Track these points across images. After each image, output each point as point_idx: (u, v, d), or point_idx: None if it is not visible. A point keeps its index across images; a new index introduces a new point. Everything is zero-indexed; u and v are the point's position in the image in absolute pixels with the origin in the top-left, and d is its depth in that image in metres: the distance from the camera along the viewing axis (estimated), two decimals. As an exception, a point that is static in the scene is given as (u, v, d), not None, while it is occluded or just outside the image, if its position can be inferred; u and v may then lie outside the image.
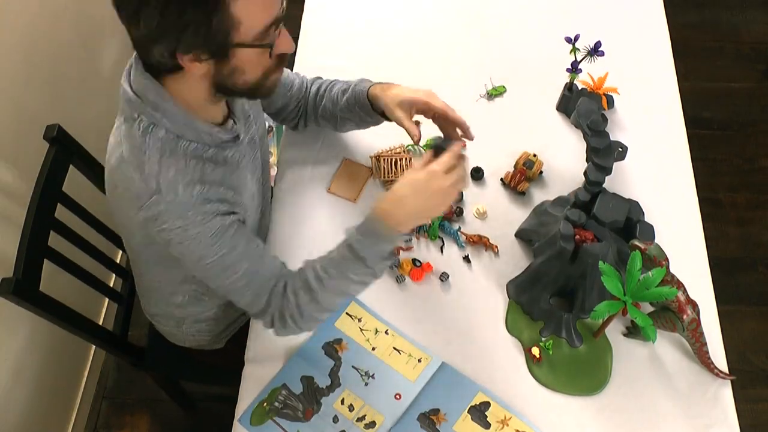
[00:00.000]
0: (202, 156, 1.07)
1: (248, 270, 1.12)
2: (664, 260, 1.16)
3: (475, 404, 1.21)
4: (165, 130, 1.04)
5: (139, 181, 1.03)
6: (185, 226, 1.04)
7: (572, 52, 1.44)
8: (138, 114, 1.03)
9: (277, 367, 1.27)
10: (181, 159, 1.04)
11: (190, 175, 1.05)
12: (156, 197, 1.03)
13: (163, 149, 1.03)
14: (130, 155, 1.04)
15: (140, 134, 1.03)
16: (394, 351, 1.25)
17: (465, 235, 1.39)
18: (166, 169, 1.03)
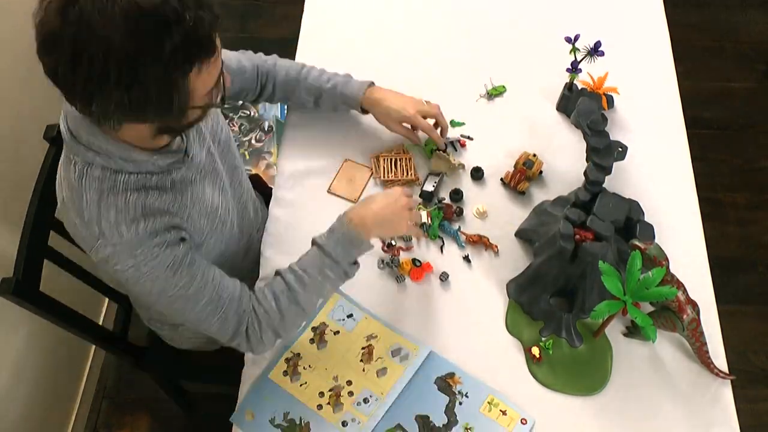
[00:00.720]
0: (144, 186, 1.05)
1: (212, 296, 1.11)
2: (664, 260, 1.16)
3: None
4: (101, 168, 1.01)
5: (81, 227, 1.02)
6: (137, 264, 1.03)
7: (572, 51, 1.44)
8: (72, 155, 1.01)
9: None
10: (120, 196, 1.02)
11: (132, 213, 1.02)
12: (101, 241, 1.01)
13: (101, 190, 1.01)
14: (69, 200, 1.03)
15: (76, 178, 1.01)
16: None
17: (465, 235, 1.39)
18: (106, 211, 1.01)
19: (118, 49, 0.83)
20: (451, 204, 1.41)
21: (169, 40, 0.85)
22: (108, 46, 0.83)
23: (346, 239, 1.17)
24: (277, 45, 1.62)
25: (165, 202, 1.07)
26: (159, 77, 0.87)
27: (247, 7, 2.81)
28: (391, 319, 1.31)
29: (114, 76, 0.85)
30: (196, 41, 0.88)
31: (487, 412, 1.20)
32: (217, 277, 1.13)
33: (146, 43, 0.84)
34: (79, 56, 0.84)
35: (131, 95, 0.87)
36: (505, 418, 1.20)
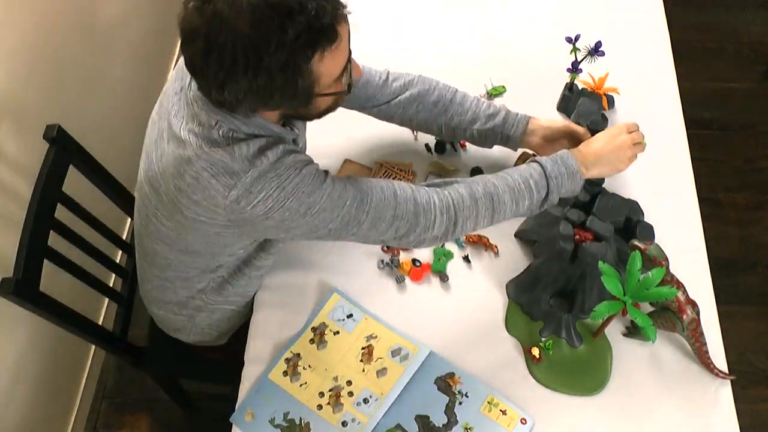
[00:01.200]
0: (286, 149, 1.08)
1: (355, 194, 1.09)
2: (664, 260, 1.16)
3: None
4: (244, 134, 1.05)
5: (231, 161, 1.03)
6: (281, 183, 1.04)
7: (573, 52, 1.44)
8: (216, 122, 1.04)
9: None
10: (264, 148, 1.05)
11: (277, 154, 1.05)
12: (252, 171, 1.03)
13: (247, 143, 1.04)
14: (217, 148, 1.04)
15: (221, 135, 1.04)
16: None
17: (465, 235, 1.39)
18: (254, 146, 1.04)
19: (244, 38, 0.91)
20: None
21: (291, 27, 0.91)
22: (236, 35, 0.91)
23: (563, 162, 1.20)
24: (277, 45, 1.62)
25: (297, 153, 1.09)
26: (282, 63, 0.93)
27: None
28: (390, 319, 1.31)
29: (242, 63, 0.92)
30: (318, 29, 0.94)
31: (487, 412, 1.20)
32: (371, 181, 1.13)
33: (270, 31, 0.91)
34: (212, 46, 0.93)
35: (258, 81, 0.94)
36: (505, 417, 1.20)
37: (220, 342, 1.50)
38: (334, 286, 1.33)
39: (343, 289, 1.33)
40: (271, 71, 0.94)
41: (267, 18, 0.91)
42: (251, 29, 0.91)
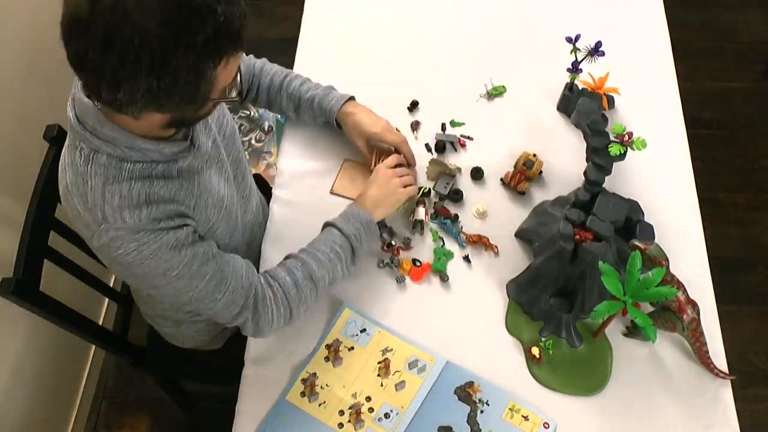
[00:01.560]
0: (150, 174, 1.05)
1: (215, 271, 1.11)
2: (664, 260, 1.16)
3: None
4: (107, 155, 1.01)
5: (84, 212, 1.02)
6: (139, 247, 1.03)
7: (573, 52, 1.44)
8: (79, 141, 1.02)
9: (277, 367, 1.26)
10: (125, 184, 1.02)
11: (135, 200, 1.02)
12: (104, 226, 1.02)
13: (106, 176, 1.01)
14: (73, 185, 1.03)
15: (82, 163, 1.02)
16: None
17: (465, 235, 1.39)
18: (110, 197, 1.01)
19: (152, 37, 0.84)
20: (446, 208, 1.41)
21: (202, 31, 0.87)
22: (143, 33, 0.84)
23: (357, 218, 1.27)
24: (277, 45, 1.63)
25: (171, 190, 1.08)
26: (190, 67, 0.89)
27: (246, 7, 2.80)
28: (391, 319, 1.31)
29: (146, 63, 0.86)
30: (227, 34, 0.90)
31: (509, 418, 1.20)
32: (217, 253, 1.14)
33: (181, 32, 0.86)
34: (112, 42, 0.85)
35: (161, 83, 0.88)
36: (528, 423, 1.19)
37: (215, 346, 1.50)
38: (337, 293, 1.33)
39: (342, 289, 1.33)
40: (176, 74, 0.88)
41: (177, 18, 0.85)
42: (160, 28, 0.84)
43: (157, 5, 0.84)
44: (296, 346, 1.28)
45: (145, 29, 0.84)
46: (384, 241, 1.38)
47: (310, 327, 1.29)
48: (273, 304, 1.18)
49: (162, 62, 0.86)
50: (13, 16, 1.52)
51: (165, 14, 0.84)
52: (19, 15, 1.55)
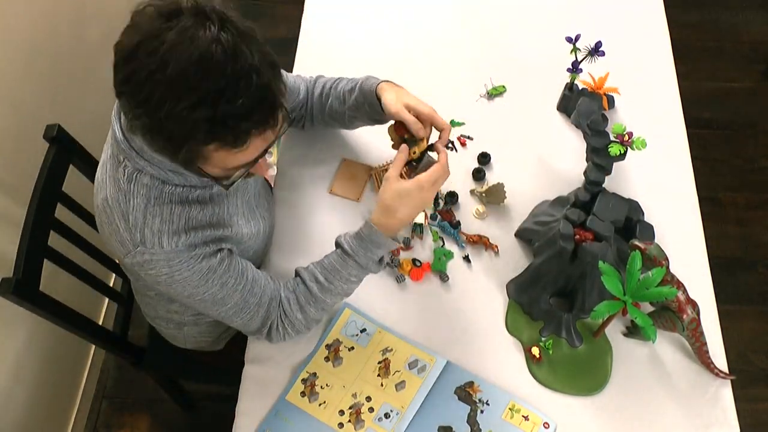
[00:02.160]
0: (188, 199, 1.07)
1: (238, 301, 1.14)
2: (664, 260, 1.16)
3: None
4: (150, 176, 1.03)
5: (124, 230, 1.03)
6: (171, 273, 1.06)
7: (573, 51, 1.44)
8: (123, 158, 1.03)
9: (277, 367, 1.26)
10: (166, 207, 1.04)
11: (176, 224, 1.04)
12: (140, 248, 1.03)
13: (148, 197, 1.03)
14: (114, 201, 1.03)
15: (125, 180, 1.03)
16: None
17: (465, 235, 1.39)
18: (151, 219, 1.02)
19: (164, 83, 0.85)
20: (449, 212, 1.41)
21: (205, 107, 0.86)
22: (156, 79, 0.86)
23: (373, 242, 1.16)
24: (277, 45, 1.61)
25: (206, 215, 1.09)
26: (178, 130, 0.88)
27: (247, 7, 2.80)
28: (391, 321, 1.31)
29: (144, 102, 0.87)
30: (228, 127, 0.89)
31: (509, 418, 1.20)
32: (248, 284, 1.15)
33: (186, 94, 0.86)
34: (134, 76, 0.87)
35: (151, 122, 0.89)
36: (528, 423, 1.19)
37: (216, 347, 1.50)
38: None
39: (349, 299, 1.32)
40: (163, 132, 0.89)
41: (192, 80, 0.85)
42: (169, 81, 0.85)
43: (183, 59, 0.85)
44: (296, 346, 1.28)
45: (163, 77, 0.86)
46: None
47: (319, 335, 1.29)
48: (285, 334, 1.21)
49: (154, 109, 0.87)
50: (13, 17, 1.52)
51: (184, 72, 0.85)
52: (19, 15, 1.54)
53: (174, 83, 0.85)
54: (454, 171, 1.45)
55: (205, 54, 0.85)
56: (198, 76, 0.85)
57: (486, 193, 1.42)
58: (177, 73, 0.85)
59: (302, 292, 1.19)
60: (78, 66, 1.82)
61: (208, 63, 0.85)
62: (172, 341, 1.49)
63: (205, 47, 0.85)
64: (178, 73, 0.85)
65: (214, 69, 0.86)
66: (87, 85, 1.86)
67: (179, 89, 0.86)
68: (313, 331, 1.29)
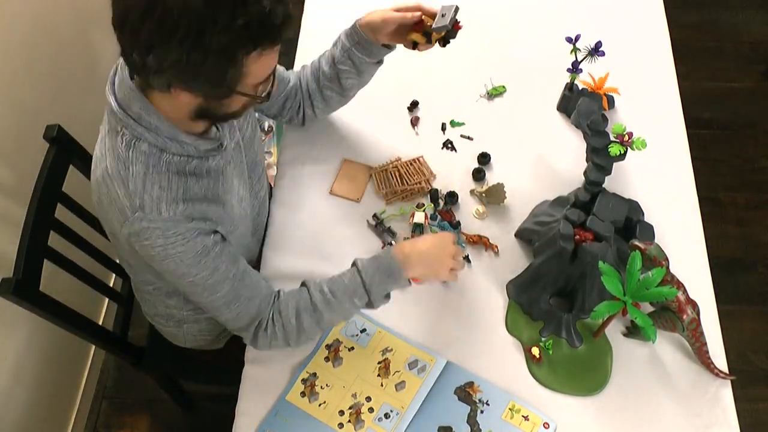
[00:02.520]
0: (185, 170, 1.08)
1: (228, 291, 1.14)
2: (664, 260, 1.16)
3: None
4: (148, 143, 1.04)
5: (124, 196, 1.04)
6: (165, 245, 1.06)
7: (573, 52, 1.44)
8: (121, 127, 1.04)
9: (277, 367, 1.26)
10: (164, 175, 1.05)
11: (174, 193, 1.05)
12: (139, 213, 1.03)
13: (147, 164, 1.04)
14: (114, 170, 1.04)
15: (123, 148, 1.03)
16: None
17: (465, 235, 1.39)
18: (150, 186, 1.03)
19: (193, 11, 0.87)
20: (449, 212, 1.41)
21: (243, 15, 0.88)
22: (185, 5, 0.87)
23: (386, 269, 1.18)
24: (277, 45, 1.62)
25: (202, 188, 1.10)
26: (222, 47, 0.90)
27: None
28: (391, 321, 1.30)
29: (181, 33, 0.88)
30: (267, 25, 0.92)
31: (509, 418, 1.20)
32: (239, 273, 1.15)
33: (222, 12, 0.88)
34: (153, 7, 0.87)
35: (190, 56, 0.90)
36: (528, 423, 1.19)
37: (216, 346, 1.50)
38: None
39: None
40: (207, 51, 0.90)
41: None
42: (203, 4, 0.87)
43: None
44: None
45: (188, 2, 0.87)
46: (384, 241, 1.38)
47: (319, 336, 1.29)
48: (272, 338, 1.20)
49: (196, 37, 0.88)
50: (13, 17, 1.52)
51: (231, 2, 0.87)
52: (20, 15, 1.55)
53: (205, 7, 0.87)
54: (454, 171, 1.48)
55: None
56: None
57: (486, 193, 1.42)
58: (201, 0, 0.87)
59: (304, 299, 1.19)
60: (78, 66, 1.82)
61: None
62: (172, 340, 1.49)
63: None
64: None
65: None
66: (87, 85, 1.86)
67: (212, 10, 0.88)
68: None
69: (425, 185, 1.44)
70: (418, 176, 1.45)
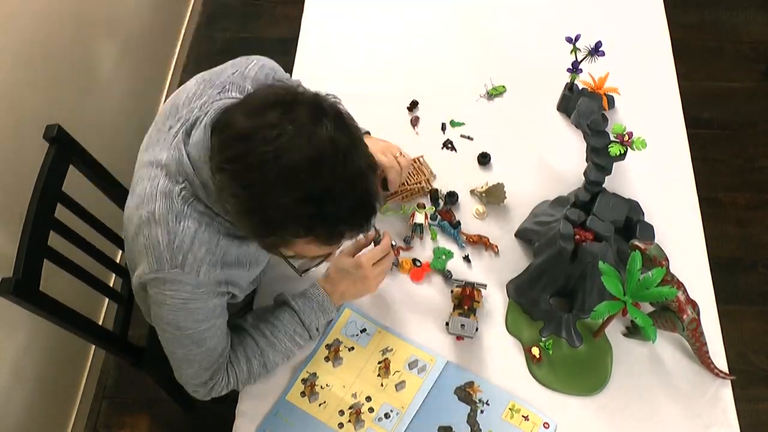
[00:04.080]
0: (235, 234, 1.08)
1: (212, 347, 1.14)
2: (664, 260, 1.16)
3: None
4: (205, 205, 1.03)
5: (166, 248, 1.02)
6: (187, 300, 1.05)
7: (573, 52, 1.44)
8: (183, 179, 1.03)
9: (276, 369, 1.26)
10: (214, 236, 1.05)
11: (216, 257, 1.05)
12: (177, 270, 1.02)
13: (200, 222, 1.03)
14: (163, 217, 1.02)
15: (180, 201, 1.02)
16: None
17: (465, 235, 1.39)
18: (198, 247, 1.03)
19: (263, 182, 0.89)
20: (449, 212, 1.41)
21: (309, 205, 0.90)
22: (263, 173, 0.89)
23: (320, 306, 1.23)
24: (277, 45, 1.62)
25: (241, 251, 1.10)
26: (273, 221, 0.93)
27: (247, 7, 2.80)
28: (391, 321, 1.31)
29: (246, 194, 0.92)
30: (328, 225, 0.93)
31: (509, 418, 1.20)
32: (224, 330, 1.16)
33: (295, 187, 0.89)
34: (243, 161, 0.90)
35: (243, 211, 0.94)
36: (528, 423, 1.19)
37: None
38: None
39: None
40: (259, 216, 0.93)
41: (304, 176, 0.89)
42: (277, 182, 0.89)
43: (297, 152, 0.88)
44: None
45: (268, 173, 0.89)
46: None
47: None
48: (225, 387, 1.20)
49: (256, 203, 0.92)
50: (13, 17, 1.52)
51: (290, 176, 0.88)
52: (19, 15, 1.55)
53: (286, 175, 0.88)
54: (454, 171, 1.48)
55: (322, 153, 0.89)
56: (310, 173, 0.88)
57: (486, 193, 1.42)
58: (290, 167, 0.88)
59: (250, 345, 1.21)
60: (78, 66, 1.82)
61: (321, 162, 0.89)
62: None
63: (321, 146, 0.89)
64: (290, 166, 0.88)
65: (326, 168, 0.89)
66: (87, 85, 1.86)
67: (289, 182, 0.89)
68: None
69: (425, 185, 1.44)
70: (418, 176, 1.45)
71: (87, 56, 1.87)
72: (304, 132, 0.88)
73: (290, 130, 0.88)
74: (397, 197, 1.44)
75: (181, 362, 1.16)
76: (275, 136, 0.88)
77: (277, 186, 0.89)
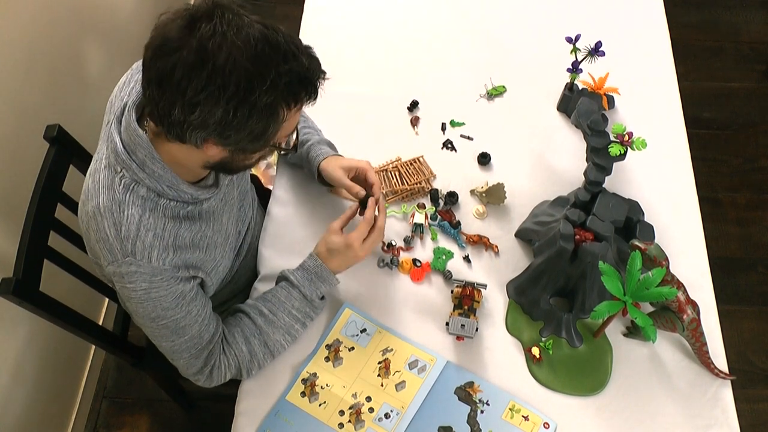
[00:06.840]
0: (179, 215, 1.08)
1: (195, 334, 1.15)
2: (664, 260, 1.16)
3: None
4: (146, 188, 1.04)
5: (114, 238, 1.03)
6: (149, 289, 1.06)
7: (573, 52, 1.44)
8: (121, 168, 1.04)
9: (277, 367, 1.26)
10: (159, 220, 1.05)
11: (166, 241, 1.06)
12: (129, 259, 1.03)
13: (143, 207, 1.04)
14: (107, 209, 1.03)
15: (121, 190, 1.03)
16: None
17: (465, 235, 1.39)
18: (144, 232, 1.03)
19: (242, 69, 0.90)
20: (450, 213, 1.41)
21: (286, 73, 0.93)
22: (235, 62, 0.89)
23: (316, 273, 1.24)
24: (277, 45, 1.62)
25: (192, 232, 1.11)
26: (267, 104, 0.93)
27: (247, 7, 2.81)
28: (391, 321, 1.31)
29: (231, 91, 0.90)
30: (306, 82, 0.96)
31: (509, 418, 1.20)
32: (206, 316, 1.16)
33: (268, 69, 0.91)
34: (202, 65, 0.89)
35: (237, 113, 0.92)
36: (528, 423, 1.19)
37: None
38: (337, 293, 1.32)
39: (342, 289, 1.33)
40: (253, 108, 0.93)
41: (267, 56, 0.91)
42: (251, 62, 0.90)
43: (251, 41, 0.90)
44: (296, 346, 1.28)
45: (238, 60, 0.89)
46: (384, 241, 1.38)
47: (311, 327, 1.29)
48: (227, 371, 1.21)
49: (245, 94, 0.91)
50: (13, 17, 1.52)
51: (257, 50, 0.91)
52: (20, 15, 1.55)
53: (254, 63, 0.90)
54: (454, 171, 1.48)
55: (261, 33, 0.92)
56: (267, 50, 0.91)
57: (486, 193, 1.42)
58: (252, 55, 0.90)
59: (247, 325, 1.21)
60: (78, 66, 1.82)
61: (267, 39, 0.92)
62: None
63: (257, 28, 0.92)
64: (252, 55, 0.90)
65: (273, 42, 0.92)
66: (87, 85, 1.86)
67: (259, 69, 0.91)
68: (312, 331, 1.29)
69: (425, 185, 1.44)
70: (418, 176, 1.45)
71: (87, 56, 1.87)
72: (231, 22, 0.91)
73: (224, 29, 0.90)
74: (397, 197, 1.44)
75: (171, 354, 1.17)
76: (220, 41, 0.89)
77: (255, 75, 0.91)
